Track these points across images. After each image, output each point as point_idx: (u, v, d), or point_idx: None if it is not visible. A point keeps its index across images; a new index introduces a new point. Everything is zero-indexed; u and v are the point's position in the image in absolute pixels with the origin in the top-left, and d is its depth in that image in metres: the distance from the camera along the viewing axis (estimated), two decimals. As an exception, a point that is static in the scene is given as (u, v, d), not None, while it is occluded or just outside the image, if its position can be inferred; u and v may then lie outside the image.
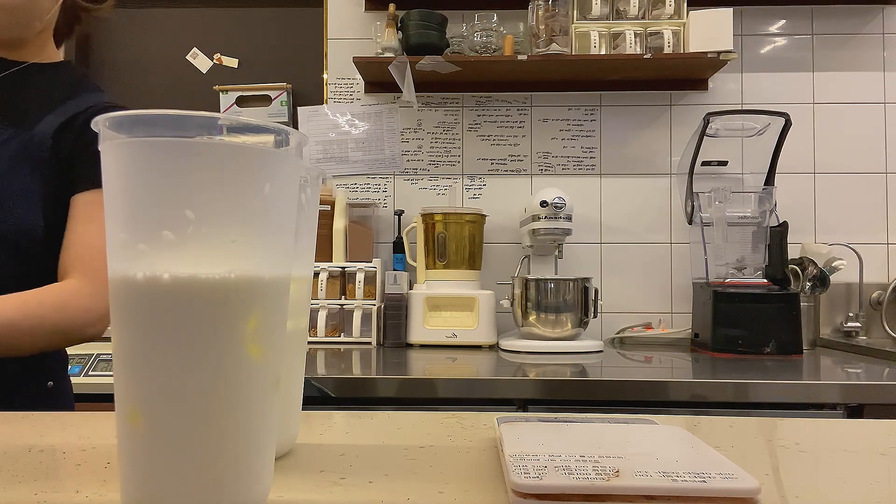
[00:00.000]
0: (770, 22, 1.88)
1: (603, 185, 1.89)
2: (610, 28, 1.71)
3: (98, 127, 0.33)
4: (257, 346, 0.34)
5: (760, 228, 1.67)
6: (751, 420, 0.60)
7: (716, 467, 0.38)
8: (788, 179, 1.84)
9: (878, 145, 1.86)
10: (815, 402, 1.17)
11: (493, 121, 1.90)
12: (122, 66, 2.04)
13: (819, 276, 1.67)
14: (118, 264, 0.33)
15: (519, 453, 0.41)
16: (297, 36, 2.00)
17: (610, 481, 0.36)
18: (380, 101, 1.91)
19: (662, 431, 0.48)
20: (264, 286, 0.34)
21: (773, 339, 1.53)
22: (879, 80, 1.86)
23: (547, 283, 1.58)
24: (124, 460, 0.33)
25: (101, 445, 0.50)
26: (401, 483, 0.42)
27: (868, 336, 1.78)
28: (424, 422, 0.58)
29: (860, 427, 0.59)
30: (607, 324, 1.85)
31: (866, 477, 0.44)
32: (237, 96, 1.94)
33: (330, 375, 1.21)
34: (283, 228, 0.36)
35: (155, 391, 0.32)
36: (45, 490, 0.40)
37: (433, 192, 1.90)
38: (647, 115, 1.89)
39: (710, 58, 1.64)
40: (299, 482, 0.42)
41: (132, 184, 0.32)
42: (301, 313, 0.48)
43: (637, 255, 1.87)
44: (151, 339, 0.32)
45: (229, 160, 0.32)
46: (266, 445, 0.36)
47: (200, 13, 2.03)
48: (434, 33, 1.73)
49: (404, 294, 1.66)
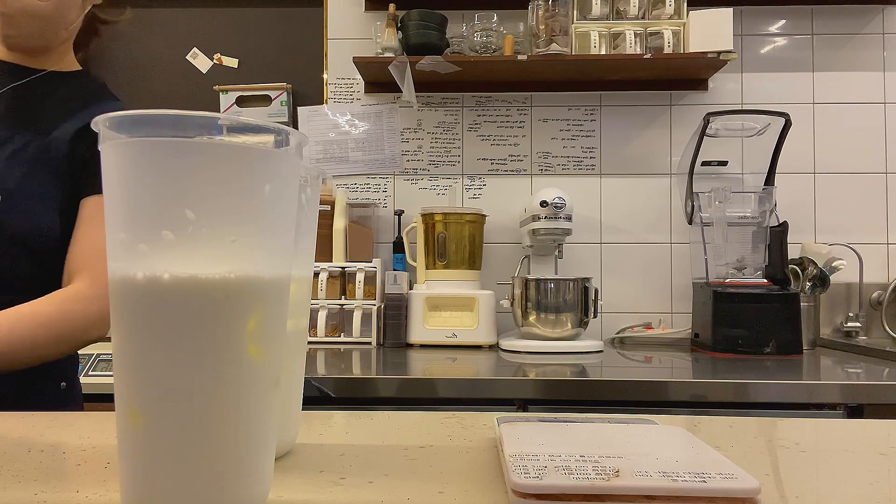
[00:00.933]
0: (770, 22, 1.88)
1: (603, 185, 1.89)
2: (610, 28, 1.71)
3: (98, 127, 0.33)
4: (257, 346, 0.34)
5: (760, 228, 1.67)
6: (751, 420, 0.60)
7: (716, 467, 0.38)
8: (788, 179, 1.84)
9: (878, 145, 1.86)
10: (815, 402, 1.17)
11: (493, 121, 1.90)
12: (122, 66, 2.04)
13: (819, 276, 1.67)
14: (118, 264, 0.33)
15: (519, 453, 0.41)
16: (297, 36, 2.00)
17: (610, 481, 0.36)
18: (380, 101, 1.91)
19: (662, 431, 0.48)
20: (264, 286, 0.34)
21: (773, 339, 1.53)
22: (879, 80, 1.86)
23: (547, 283, 1.58)
24: (124, 460, 0.33)
25: (101, 445, 0.50)
26: (401, 483, 0.42)
27: (868, 336, 1.78)
28: (424, 422, 0.58)
29: (860, 427, 0.59)
30: (607, 324, 1.85)
31: (866, 477, 0.44)
32: (237, 96, 1.94)
33: (330, 375, 1.21)
34: (283, 228, 0.36)
35: (155, 391, 0.32)
36: (45, 490, 0.40)
37: (433, 192, 1.90)
38: (647, 115, 1.88)
39: (710, 58, 1.64)
40: (299, 482, 0.42)
41: (132, 184, 0.32)
42: (301, 313, 0.48)
43: (637, 255, 1.87)
44: (151, 339, 0.32)
45: (229, 160, 0.32)
46: (266, 445, 0.36)
47: (200, 13, 2.03)
48: (434, 33, 1.73)
49: (404, 294, 1.66)
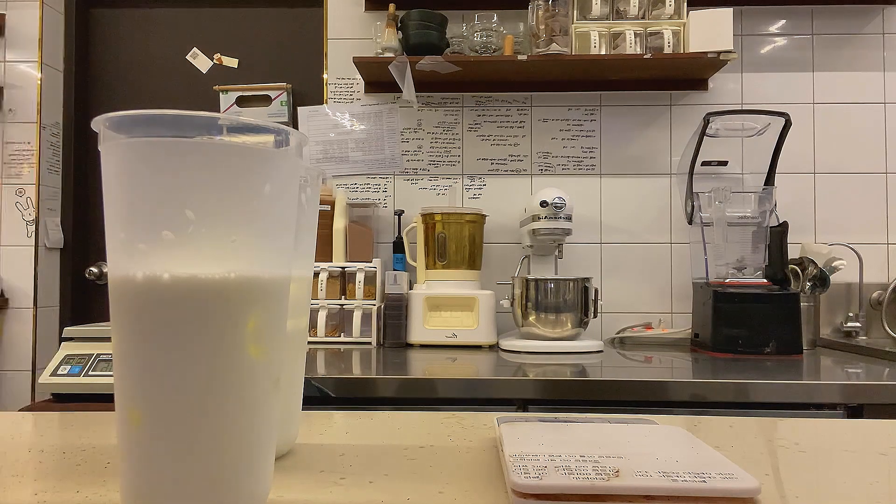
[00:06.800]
0: (770, 22, 1.88)
1: (603, 185, 1.89)
2: (610, 28, 1.71)
3: (98, 127, 0.33)
4: (257, 346, 0.34)
5: (760, 228, 1.67)
6: (751, 420, 0.60)
7: (716, 467, 0.38)
8: (788, 179, 1.84)
9: (878, 145, 1.86)
10: (814, 402, 1.17)
11: (493, 121, 1.90)
12: (122, 66, 2.04)
13: (819, 276, 1.67)
14: (118, 264, 0.33)
15: (519, 453, 0.41)
16: (297, 36, 2.00)
17: (610, 481, 0.36)
18: (380, 101, 1.91)
19: (662, 431, 0.48)
20: (264, 286, 0.34)
21: (773, 339, 1.53)
22: (879, 80, 1.86)
23: (547, 283, 1.58)
24: (124, 460, 0.33)
25: (101, 445, 0.50)
26: (401, 483, 0.42)
27: (868, 336, 1.78)
28: (424, 422, 0.58)
29: (860, 427, 0.58)
30: (607, 324, 1.85)
31: (866, 477, 0.44)
32: (237, 96, 1.94)
33: (330, 375, 1.20)
34: (283, 228, 0.36)
35: (155, 391, 0.32)
36: (45, 490, 0.40)
37: (433, 192, 1.90)
38: (647, 115, 1.88)
39: (710, 58, 1.64)
40: (299, 482, 0.42)
41: (132, 184, 0.32)
42: (301, 313, 0.48)
43: (637, 255, 1.87)
44: (151, 339, 0.32)
45: (229, 160, 0.32)
46: (266, 445, 0.36)
47: (200, 13, 2.03)
48: (434, 33, 1.73)
49: (404, 294, 1.66)
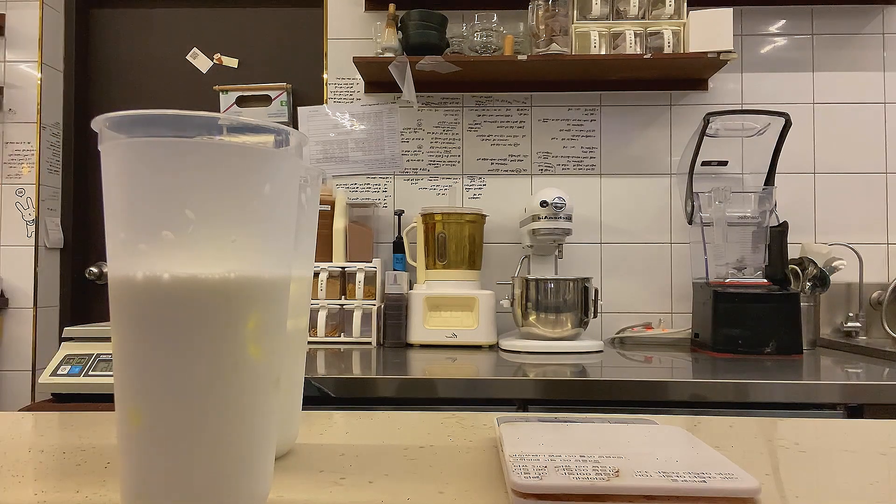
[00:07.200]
0: (770, 22, 1.88)
1: (603, 185, 1.89)
2: (610, 28, 1.71)
3: (98, 127, 0.33)
4: (257, 346, 0.34)
5: (760, 228, 1.67)
6: (751, 420, 0.60)
7: (716, 467, 0.38)
8: (788, 179, 1.84)
9: (878, 145, 1.86)
10: (814, 402, 1.17)
11: (493, 121, 1.90)
12: (122, 66, 2.04)
13: (819, 276, 1.67)
14: (118, 264, 0.33)
15: (519, 453, 0.41)
16: (297, 36, 2.00)
17: (610, 481, 0.36)
18: (380, 101, 1.91)
19: (662, 431, 0.48)
20: (264, 286, 0.34)
21: (773, 339, 1.53)
22: (879, 80, 1.86)
23: (547, 283, 1.58)
24: (124, 460, 0.33)
25: (101, 445, 0.50)
26: (401, 483, 0.42)
27: (868, 336, 1.78)
28: (424, 422, 0.58)
29: (860, 427, 0.58)
30: (607, 324, 1.85)
31: (866, 477, 0.44)
32: (237, 96, 1.94)
33: (330, 375, 1.20)
34: (283, 228, 0.36)
35: (155, 391, 0.32)
36: (45, 490, 0.40)
37: (433, 192, 1.90)
38: (647, 115, 1.88)
39: (710, 58, 1.64)
40: (299, 482, 0.42)
41: (132, 184, 0.32)
42: (301, 313, 0.48)
43: (637, 255, 1.87)
44: (151, 339, 0.32)
45: (229, 160, 0.32)
46: (266, 445, 0.36)
47: (200, 13, 2.03)
48: (434, 33, 1.73)
49: (404, 294, 1.66)
